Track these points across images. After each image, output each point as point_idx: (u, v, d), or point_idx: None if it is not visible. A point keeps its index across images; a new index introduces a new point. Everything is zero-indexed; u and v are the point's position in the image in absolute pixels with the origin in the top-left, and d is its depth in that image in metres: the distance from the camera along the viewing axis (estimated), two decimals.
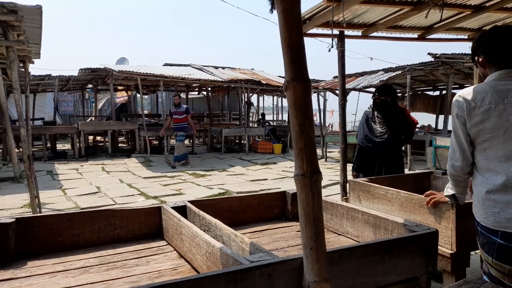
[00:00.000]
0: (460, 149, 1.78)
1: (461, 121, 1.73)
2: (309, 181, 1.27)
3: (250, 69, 15.88)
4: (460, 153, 1.79)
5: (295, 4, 1.32)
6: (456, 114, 1.75)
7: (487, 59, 1.74)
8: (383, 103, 3.67)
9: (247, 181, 7.74)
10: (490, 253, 1.64)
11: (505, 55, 1.69)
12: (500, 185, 1.62)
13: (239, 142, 14.21)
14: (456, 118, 1.75)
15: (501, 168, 1.63)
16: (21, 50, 5.55)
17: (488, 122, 1.64)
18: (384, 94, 3.66)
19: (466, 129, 1.72)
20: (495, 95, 1.63)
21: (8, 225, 1.83)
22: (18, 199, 5.94)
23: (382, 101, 3.67)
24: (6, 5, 4.35)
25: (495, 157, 1.65)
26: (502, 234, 1.59)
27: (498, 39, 1.71)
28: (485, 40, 1.75)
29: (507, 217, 1.58)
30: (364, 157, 3.75)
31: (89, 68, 11.91)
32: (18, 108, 4.58)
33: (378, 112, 3.69)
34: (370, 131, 3.69)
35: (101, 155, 11.49)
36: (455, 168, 1.83)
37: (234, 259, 1.36)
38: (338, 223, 2.26)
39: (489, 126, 1.64)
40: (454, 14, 3.79)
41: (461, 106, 1.72)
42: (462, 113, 1.71)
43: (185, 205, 2.17)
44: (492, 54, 1.72)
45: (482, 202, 1.69)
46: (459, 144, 1.78)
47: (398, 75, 10.50)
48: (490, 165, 1.67)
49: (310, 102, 1.33)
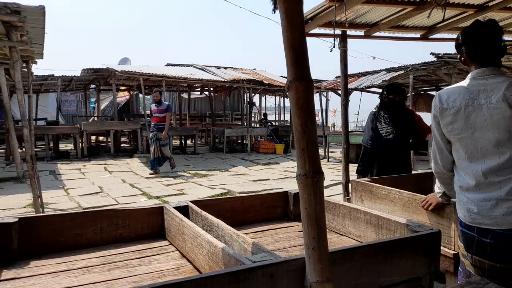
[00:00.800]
0: (439, 148, 1.81)
1: (436, 121, 1.76)
2: (311, 181, 1.26)
3: (252, 69, 15.89)
4: (439, 152, 1.82)
5: (297, 4, 1.32)
6: (433, 113, 1.78)
7: (468, 56, 1.71)
8: (391, 102, 3.60)
9: (249, 181, 7.74)
10: (470, 249, 1.66)
11: (484, 52, 1.65)
12: (471, 184, 1.65)
13: (241, 142, 14.21)
14: (433, 117, 1.78)
15: (471, 168, 1.65)
16: (24, 51, 5.57)
17: (457, 123, 1.66)
18: (393, 92, 3.60)
19: (441, 128, 1.75)
20: (466, 96, 1.64)
21: (11, 225, 1.84)
22: (21, 199, 5.96)
23: (390, 100, 3.60)
24: (10, 5, 4.37)
25: (465, 158, 1.68)
26: (478, 230, 1.62)
27: (478, 34, 1.67)
28: (466, 36, 1.72)
29: (480, 214, 1.61)
30: (369, 159, 3.68)
31: (92, 68, 11.95)
32: (21, 108, 4.60)
33: (384, 111, 3.64)
34: (375, 131, 3.63)
35: (104, 155, 11.51)
36: (438, 166, 1.86)
37: (236, 259, 1.36)
38: (340, 223, 2.25)
39: (458, 127, 1.66)
40: (457, 14, 3.78)
41: (436, 106, 1.74)
42: (436, 113, 1.74)
43: (187, 205, 2.17)
44: (472, 51, 1.69)
45: (459, 199, 1.73)
46: (437, 143, 1.81)
47: (400, 75, 10.48)
48: (462, 165, 1.70)
49: (313, 102, 1.33)
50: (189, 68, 13.91)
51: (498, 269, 1.57)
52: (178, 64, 15.08)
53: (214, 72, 13.21)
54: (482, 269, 1.62)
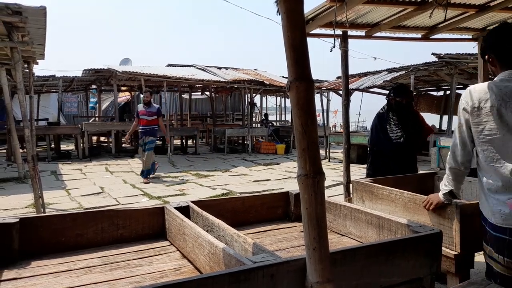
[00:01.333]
0: (463, 143, 1.81)
1: (465, 116, 1.75)
2: (312, 182, 1.26)
3: (253, 69, 15.89)
4: (462, 147, 1.82)
5: (298, 4, 1.32)
6: (462, 108, 1.77)
7: (496, 58, 1.73)
8: (398, 104, 3.53)
9: (250, 181, 7.74)
10: (501, 251, 1.63)
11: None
12: (501, 186, 1.64)
13: (242, 143, 14.21)
14: (462, 112, 1.77)
15: (499, 169, 1.64)
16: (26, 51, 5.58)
17: (489, 123, 1.66)
18: (400, 95, 3.54)
19: (469, 125, 1.74)
20: (499, 96, 1.63)
21: (12, 225, 1.84)
22: (23, 199, 5.96)
23: (397, 102, 3.54)
24: (11, 6, 4.37)
25: (494, 158, 1.67)
26: (510, 231, 1.60)
27: (507, 37, 1.69)
28: (495, 38, 1.74)
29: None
30: (378, 162, 3.60)
31: (93, 69, 11.95)
32: (22, 109, 4.60)
33: (393, 113, 3.58)
34: (385, 134, 3.56)
35: (105, 156, 11.52)
36: (456, 162, 1.86)
37: (237, 259, 1.36)
38: (341, 224, 2.25)
39: (490, 128, 1.66)
40: (458, 14, 3.77)
41: (467, 102, 1.73)
42: (467, 108, 1.73)
43: (188, 206, 2.17)
44: (501, 53, 1.70)
45: (487, 201, 1.71)
46: (462, 138, 1.80)
47: (401, 75, 10.47)
48: (490, 166, 1.68)
49: (313, 102, 1.32)
50: (190, 68, 13.91)
51: None
52: (179, 64, 15.09)
53: (215, 72, 13.21)
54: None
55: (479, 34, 4.35)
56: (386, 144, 3.54)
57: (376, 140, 3.65)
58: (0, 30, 4.61)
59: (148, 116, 7.48)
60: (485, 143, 1.69)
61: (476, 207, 2.15)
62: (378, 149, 3.61)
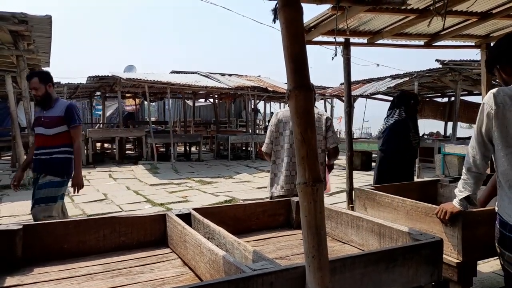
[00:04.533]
0: (484, 147, 1.80)
1: (489, 121, 1.73)
2: (311, 190, 1.27)
3: (257, 76, 15.95)
4: (483, 151, 1.81)
5: (297, 14, 1.33)
6: (486, 112, 1.74)
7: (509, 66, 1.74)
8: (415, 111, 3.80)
9: (253, 188, 7.74)
10: None
11: None
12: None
13: (245, 149, 14.23)
14: (485, 116, 1.74)
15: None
16: (31, 59, 5.66)
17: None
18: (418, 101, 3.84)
19: (492, 129, 1.72)
20: None
21: (16, 232, 1.86)
22: (26, 205, 5.96)
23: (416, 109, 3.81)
24: (17, 15, 4.45)
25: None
26: None
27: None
28: (506, 46, 1.76)
29: None
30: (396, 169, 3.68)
31: (98, 75, 12.06)
32: (27, 116, 4.66)
33: (410, 119, 3.75)
34: (408, 140, 3.70)
35: (109, 162, 11.57)
36: (477, 166, 1.86)
37: (236, 267, 1.37)
38: (343, 232, 2.24)
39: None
40: (461, 21, 3.79)
41: (491, 106, 1.70)
42: (491, 113, 1.71)
43: (190, 213, 2.18)
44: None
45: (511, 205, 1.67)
46: (483, 142, 1.79)
47: (405, 81, 10.48)
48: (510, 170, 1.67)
49: (312, 110, 1.34)
50: (194, 75, 13.99)
51: None
52: (183, 71, 15.19)
53: (218, 79, 13.28)
54: None
55: (482, 40, 4.37)
56: (408, 150, 3.67)
57: (397, 147, 3.67)
58: (6, 38, 4.69)
59: (45, 127, 3.38)
60: (509, 147, 1.68)
61: (479, 215, 2.15)
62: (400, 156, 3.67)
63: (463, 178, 1.97)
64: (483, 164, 1.85)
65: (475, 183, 1.93)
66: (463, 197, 1.99)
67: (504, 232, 1.71)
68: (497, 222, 1.78)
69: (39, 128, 3.40)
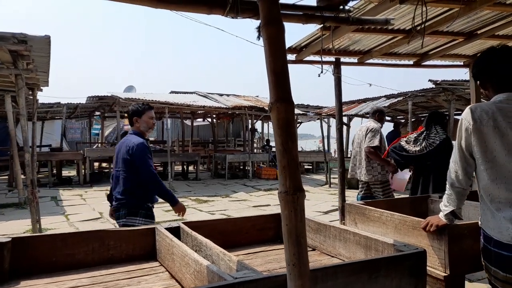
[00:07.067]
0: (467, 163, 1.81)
1: (467, 136, 1.76)
2: (292, 198, 1.30)
3: (255, 96, 16.13)
4: (466, 166, 1.82)
5: (279, 32, 1.40)
6: (464, 127, 1.77)
7: (488, 82, 1.79)
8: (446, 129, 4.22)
9: (250, 207, 7.72)
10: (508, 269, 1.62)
11: (506, 78, 1.73)
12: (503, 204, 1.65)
13: (243, 168, 14.23)
14: (464, 131, 1.78)
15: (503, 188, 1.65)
16: (30, 78, 5.74)
17: (490, 143, 1.68)
18: None
19: (472, 144, 1.75)
20: (500, 117, 1.67)
21: (4, 245, 1.87)
22: (21, 224, 5.97)
23: (446, 128, 4.25)
24: (17, 35, 4.56)
25: (496, 177, 1.68)
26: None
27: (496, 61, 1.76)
28: (484, 64, 1.80)
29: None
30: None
31: (97, 96, 12.19)
32: (24, 134, 4.70)
33: None
34: None
35: (106, 181, 11.54)
36: (460, 182, 1.87)
37: (219, 276, 1.38)
38: (331, 245, 2.26)
39: (493, 147, 1.68)
40: (448, 41, 3.90)
41: (469, 121, 1.74)
42: (469, 127, 1.74)
43: (179, 226, 2.20)
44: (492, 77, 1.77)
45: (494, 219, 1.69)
46: (464, 158, 1.81)
47: (400, 101, 10.60)
48: (492, 185, 1.69)
49: (293, 122, 1.38)
50: (192, 95, 14.15)
51: None
52: (181, 91, 15.36)
53: (216, 99, 13.42)
54: None
55: (470, 60, 4.47)
56: None
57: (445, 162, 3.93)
58: (6, 58, 4.78)
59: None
60: (488, 162, 1.70)
61: (466, 228, 2.17)
62: None
63: (447, 193, 1.99)
64: (465, 180, 1.85)
65: (458, 199, 1.95)
66: (448, 212, 2.01)
67: (488, 246, 1.72)
68: (481, 237, 1.79)
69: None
